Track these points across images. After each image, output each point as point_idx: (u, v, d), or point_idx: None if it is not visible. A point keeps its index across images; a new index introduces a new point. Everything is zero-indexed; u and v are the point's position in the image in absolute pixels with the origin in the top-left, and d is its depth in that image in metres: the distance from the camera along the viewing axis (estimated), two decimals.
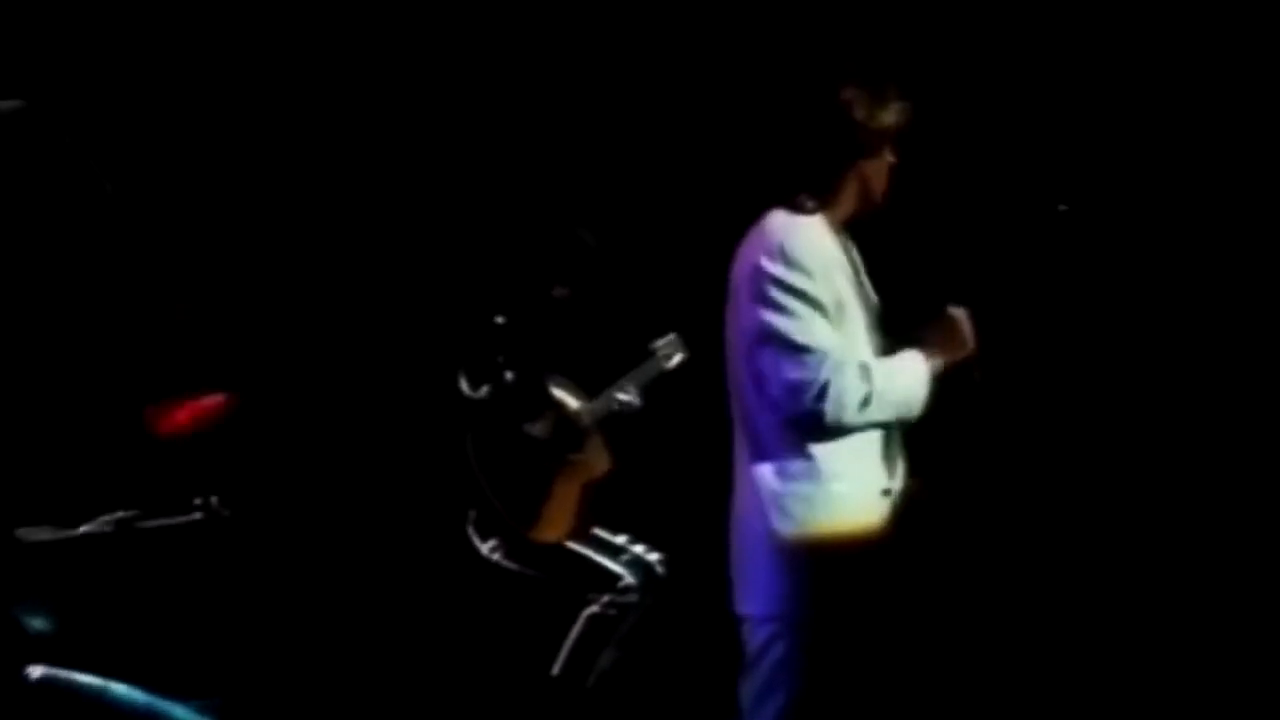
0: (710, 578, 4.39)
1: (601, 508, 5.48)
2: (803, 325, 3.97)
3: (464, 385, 5.39)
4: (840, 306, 4.09)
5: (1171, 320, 5.75)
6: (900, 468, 4.14)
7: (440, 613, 6.04)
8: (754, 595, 4.09)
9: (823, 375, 3.89)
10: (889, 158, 4.15)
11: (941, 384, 4.09)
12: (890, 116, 4.15)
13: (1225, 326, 5.74)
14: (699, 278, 5.15)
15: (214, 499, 5.00)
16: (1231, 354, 5.74)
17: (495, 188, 6.29)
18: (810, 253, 4.03)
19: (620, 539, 5.48)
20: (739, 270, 4.12)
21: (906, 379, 4.08)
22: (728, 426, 4.40)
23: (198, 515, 4.99)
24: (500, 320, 5.43)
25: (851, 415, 3.92)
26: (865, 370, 3.99)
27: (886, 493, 4.09)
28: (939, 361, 4.15)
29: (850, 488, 4.00)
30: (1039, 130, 5.64)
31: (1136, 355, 5.76)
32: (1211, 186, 5.68)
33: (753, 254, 4.07)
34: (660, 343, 5.80)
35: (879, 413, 3.97)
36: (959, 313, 4.14)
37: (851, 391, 3.93)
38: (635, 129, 6.23)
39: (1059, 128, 5.69)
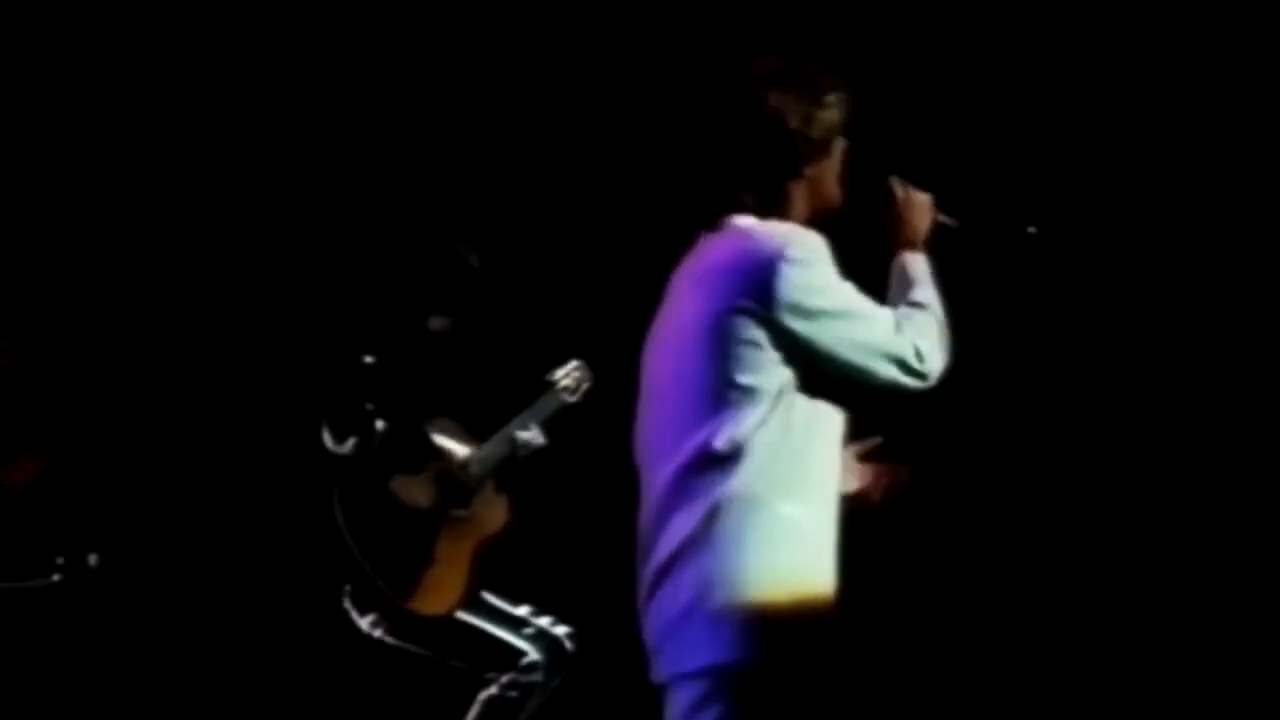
0: (630, 650, 3.86)
1: (498, 572, 5.27)
2: (853, 297, 3.67)
3: (328, 438, 5.08)
4: None
5: (1140, 341, 5.77)
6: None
7: (316, 699, 5.81)
8: (683, 649, 3.62)
9: (905, 332, 3.66)
10: (839, 151, 3.81)
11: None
12: (829, 115, 3.80)
13: (1194, 346, 5.74)
14: (603, 296, 5.33)
15: (68, 558, 5.01)
16: (1201, 373, 5.75)
17: (357, 202, 6.09)
18: (815, 239, 3.72)
19: (522, 610, 5.30)
20: (714, 279, 3.69)
21: (930, 284, 3.82)
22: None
23: (56, 576, 5.00)
24: (368, 359, 5.13)
25: (943, 357, 3.70)
26: (920, 308, 3.74)
27: (837, 515, 3.69)
28: (923, 241, 3.86)
29: (807, 514, 3.61)
30: (1006, 151, 5.65)
31: (1105, 377, 5.77)
32: (1182, 207, 5.71)
33: (753, 254, 3.67)
34: (561, 373, 5.57)
35: (946, 337, 3.73)
36: (899, 184, 3.86)
37: (933, 333, 3.70)
38: (519, 129, 6.11)
39: (1027, 148, 5.70)
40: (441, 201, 6.05)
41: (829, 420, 3.70)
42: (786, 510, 3.58)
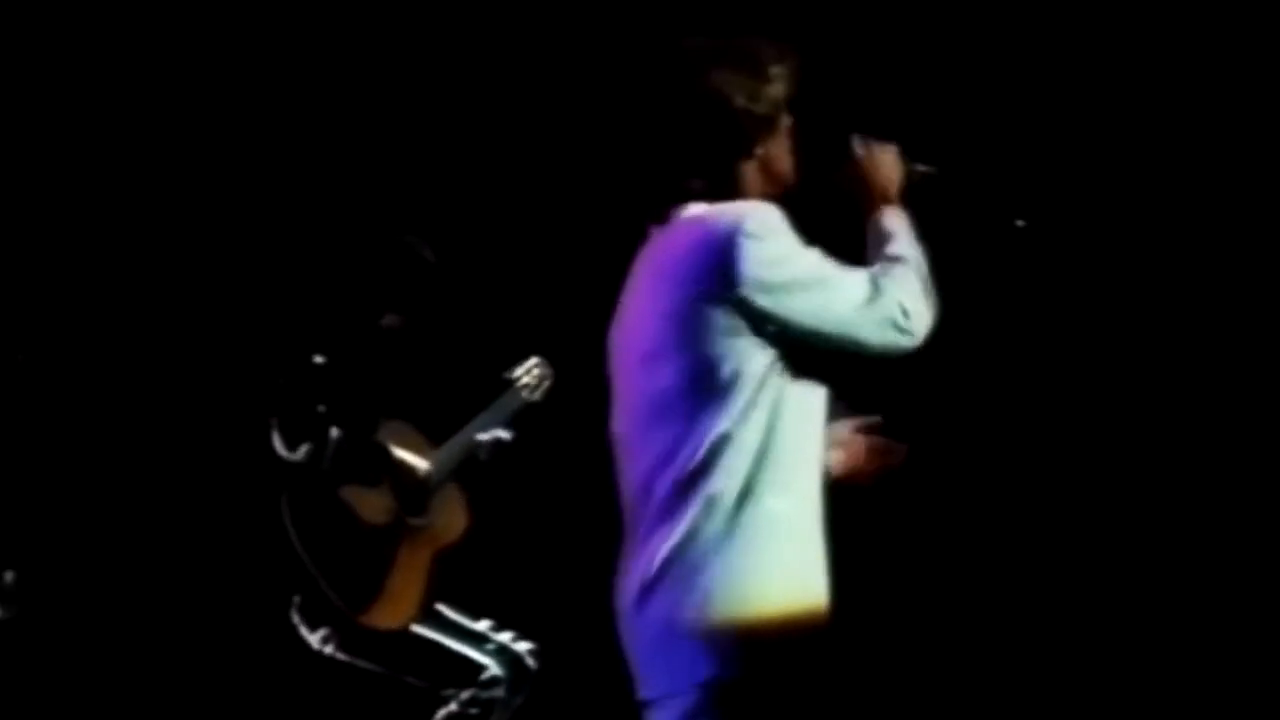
0: (599, 665, 3.87)
1: (456, 583, 5.21)
2: (822, 263, 3.62)
3: (278, 443, 5.00)
4: None
5: (1130, 336, 5.82)
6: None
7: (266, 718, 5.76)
8: (676, 665, 3.58)
9: (887, 292, 3.59)
10: (788, 132, 3.77)
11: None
12: (775, 90, 3.75)
13: (1184, 342, 5.81)
14: (563, 289, 5.34)
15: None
16: (1191, 369, 5.81)
17: (305, 194, 6.01)
18: (772, 211, 3.65)
19: (482, 624, 5.21)
20: (675, 266, 3.65)
21: (909, 237, 3.75)
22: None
23: None
24: (319, 360, 5.04)
25: (929, 312, 3.64)
26: (898, 261, 3.67)
27: (819, 516, 3.64)
28: (895, 196, 3.81)
29: (794, 507, 3.56)
30: (995, 145, 5.63)
31: (1095, 372, 5.83)
32: (1170, 202, 5.77)
33: (712, 236, 3.62)
34: (520, 370, 5.55)
35: (930, 287, 3.67)
36: (861, 142, 3.80)
37: (916, 287, 3.63)
38: (472, 118, 6.07)
39: (1015, 142, 5.74)
40: (393, 193, 6.01)
41: (813, 405, 3.65)
42: (776, 505, 3.53)
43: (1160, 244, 5.81)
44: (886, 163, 3.83)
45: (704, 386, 3.58)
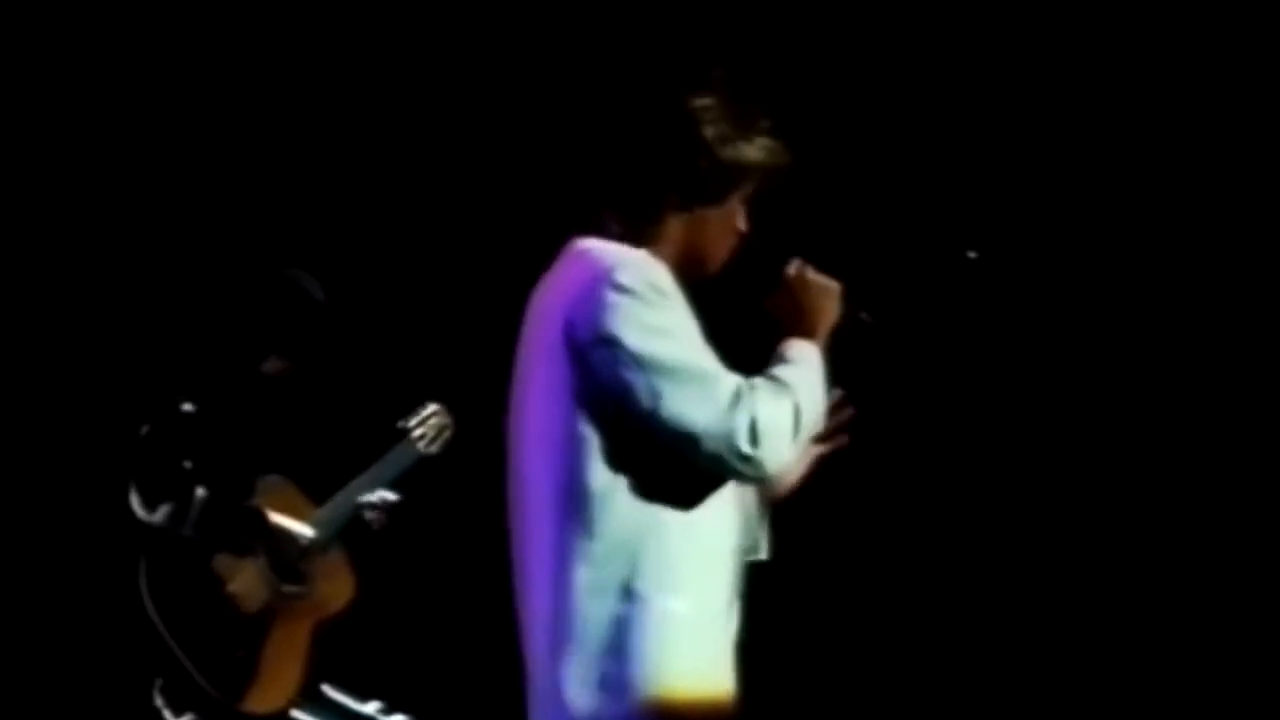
0: None
1: (340, 659, 5.10)
2: (689, 347, 3.48)
3: (136, 503, 4.70)
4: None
5: (1082, 367, 5.86)
6: (738, 578, 3.66)
7: None
8: None
9: (743, 407, 3.45)
10: (737, 217, 3.66)
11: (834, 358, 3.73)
12: (752, 152, 3.63)
13: (1136, 373, 5.84)
14: (466, 330, 5.26)
15: None
16: (1142, 401, 5.83)
17: (175, 220, 5.84)
18: (661, 268, 3.55)
19: (369, 706, 5.09)
20: (551, 309, 3.59)
21: (811, 375, 3.62)
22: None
23: None
24: (187, 407, 4.72)
25: (788, 448, 3.50)
26: (775, 382, 3.53)
27: (729, 630, 3.59)
28: (823, 336, 3.68)
29: (697, 609, 3.51)
30: (946, 175, 5.75)
31: (1046, 404, 5.86)
32: (1124, 232, 5.81)
33: (581, 280, 3.56)
34: (416, 419, 5.35)
35: (807, 430, 3.56)
36: (798, 269, 3.68)
37: (781, 416, 3.48)
38: (366, 139, 5.94)
39: (966, 172, 5.80)
40: (275, 220, 5.88)
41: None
42: (669, 606, 3.47)
43: (1121, 265, 5.83)
44: (820, 297, 3.68)
45: (571, 446, 3.49)
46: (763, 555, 3.74)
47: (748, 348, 3.59)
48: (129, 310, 5.75)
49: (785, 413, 3.49)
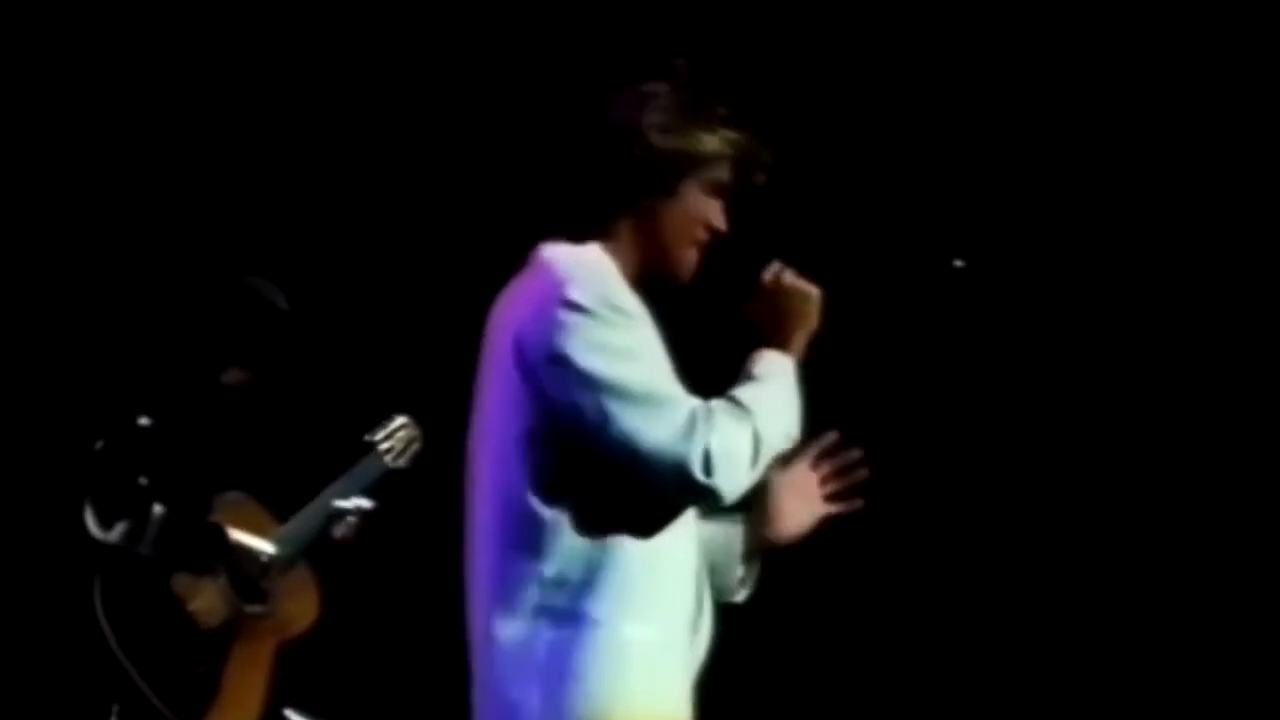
0: None
1: (304, 682, 5.08)
2: (644, 368, 3.42)
3: (91, 521, 4.48)
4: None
5: (1068, 378, 5.94)
6: (708, 604, 3.61)
7: None
8: None
9: (698, 432, 3.39)
10: (705, 213, 3.58)
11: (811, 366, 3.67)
12: (703, 142, 3.56)
13: (1122, 384, 5.92)
14: (432, 338, 5.24)
15: None
16: (1127, 412, 5.91)
17: (131, 226, 5.78)
18: (618, 284, 3.49)
19: None
20: (507, 323, 3.55)
21: (778, 391, 3.55)
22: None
23: None
24: (143, 421, 4.57)
25: (746, 475, 3.43)
26: (735, 406, 3.46)
27: (690, 658, 3.54)
28: (799, 344, 3.61)
29: (652, 634, 3.47)
30: (933, 183, 5.79)
31: (1033, 412, 5.94)
32: (1110, 242, 5.89)
33: (534, 295, 3.51)
34: (383, 433, 5.31)
35: (768, 454, 3.49)
36: (774, 273, 3.62)
37: (739, 443, 3.42)
38: (328, 145, 5.92)
39: (953, 180, 5.85)
40: (236, 226, 5.85)
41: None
42: (622, 631, 3.44)
43: (1107, 274, 5.89)
44: (797, 303, 3.62)
45: (524, 464, 3.45)
46: (739, 598, 3.70)
47: (729, 357, 3.53)
48: (82, 319, 5.75)
49: (743, 439, 3.43)
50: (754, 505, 3.71)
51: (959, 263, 3.84)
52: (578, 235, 3.53)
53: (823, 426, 3.73)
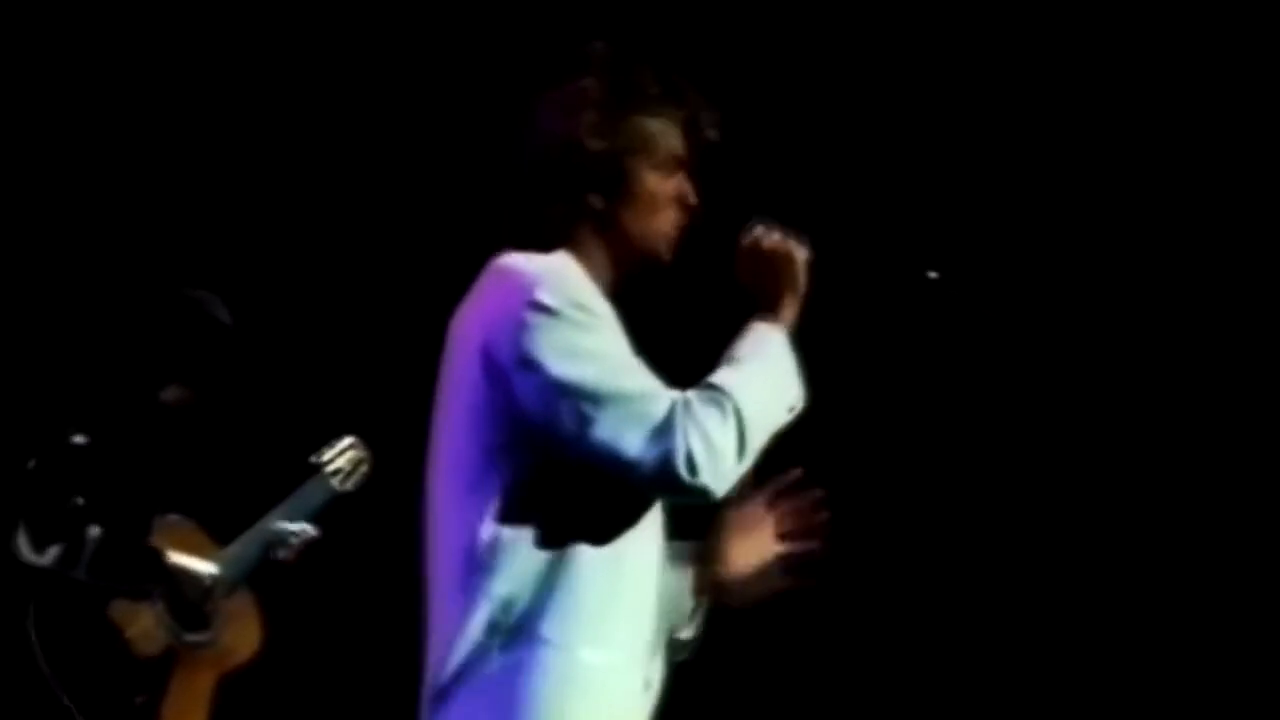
0: None
1: (248, 713, 5.07)
2: (617, 369, 3.33)
3: (23, 545, 4.37)
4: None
5: (1044, 391, 5.98)
6: (660, 632, 3.53)
7: None
8: None
9: (678, 430, 3.29)
10: (664, 192, 3.48)
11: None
12: (647, 127, 3.47)
13: (1098, 397, 5.94)
14: (385, 357, 5.33)
15: None
16: (1103, 427, 5.93)
17: (66, 236, 5.71)
18: (584, 286, 3.40)
19: None
20: (471, 331, 3.45)
21: (763, 368, 3.44)
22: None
23: None
24: (78, 440, 4.45)
25: (734, 467, 3.33)
26: (715, 394, 3.35)
27: (647, 685, 3.46)
28: (789, 309, 3.50)
29: (609, 659, 3.38)
30: (907, 193, 5.82)
31: (1007, 427, 5.98)
32: (1085, 254, 5.94)
33: (499, 300, 3.42)
34: (331, 453, 5.25)
35: (759, 440, 3.37)
36: (752, 236, 3.51)
37: (722, 436, 3.31)
38: (274, 152, 5.88)
39: (927, 189, 5.88)
40: (178, 237, 5.79)
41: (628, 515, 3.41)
42: (575, 653, 3.36)
43: (1083, 286, 5.92)
44: (783, 265, 3.51)
45: (483, 481, 3.37)
46: (685, 635, 3.62)
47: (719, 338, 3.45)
48: (14, 331, 5.67)
49: (727, 431, 3.33)
50: (707, 539, 3.67)
51: (933, 274, 3.76)
52: (539, 248, 3.44)
53: (795, 441, 3.56)
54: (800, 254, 3.48)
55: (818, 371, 3.59)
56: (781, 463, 3.58)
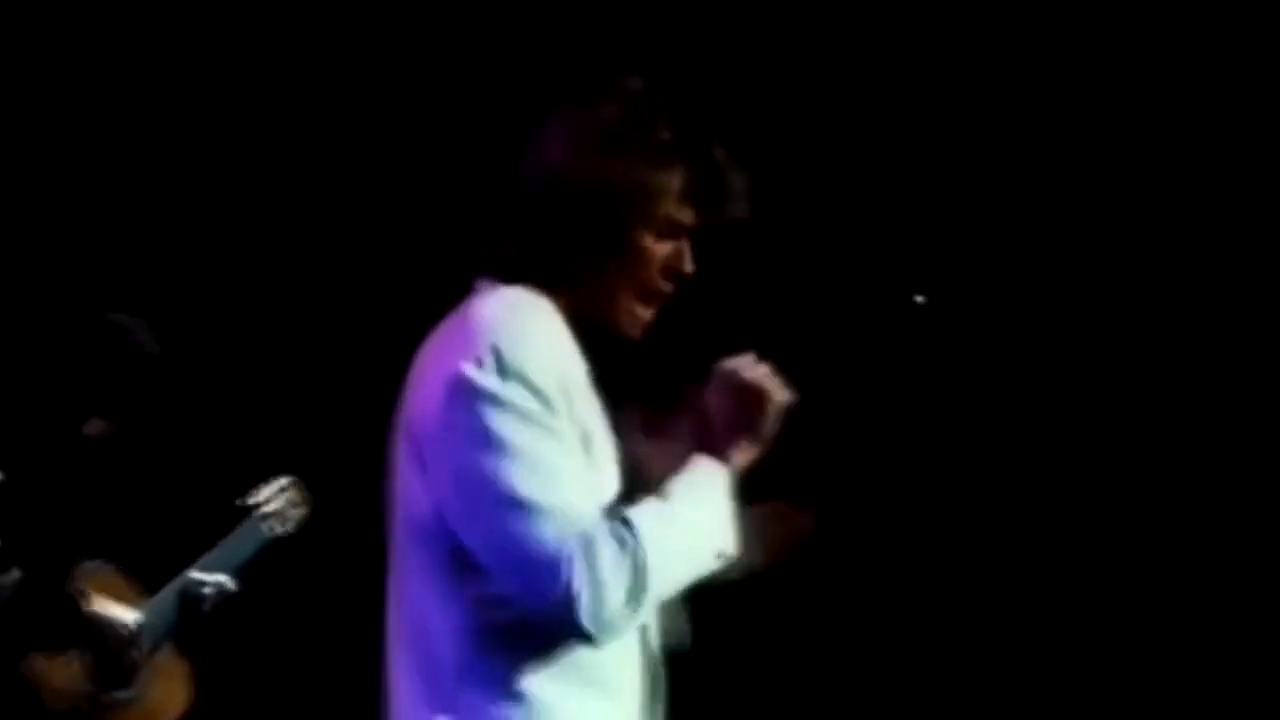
0: None
1: None
2: (538, 473, 3.18)
3: None
4: (587, 437, 3.27)
5: (1029, 416, 5.92)
6: (659, 677, 3.40)
7: None
8: None
9: (566, 563, 3.15)
10: (657, 257, 3.32)
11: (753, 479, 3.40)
12: (651, 179, 3.29)
13: (1083, 423, 5.90)
14: (328, 389, 5.37)
15: None
16: (1089, 454, 5.91)
17: None
18: (541, 358, 3.23)
19: None
20: (422, 384, 3.29)
21: (694, 513, 3.26)
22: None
23: None
24: None
25: (619, 613, 3.18)
26: (621, 531, 3.19)
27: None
28: (743, 452, 3.33)
29: (598, 711, 3.30)
30: (892, 218, 5.81)
31: (996, 452, 5.94)
32: (1071, 278, 5.96)
33: (447, 357, 3.27)
34: (264, 494, 5.03)
35: (662, 587, 3.22)
36: (739, 363, 3.35)
37: (612, 578, 3.17)
38: (208, 159, 5.76)
39: (912, 215, 5.86)
40: (101, 256, 5.66)
41: None
42: (568, 707, 3.24)
43: (1071, 312, 5.92)
44: (751, 405, 3.32)
45: (434, 520, 3.24)
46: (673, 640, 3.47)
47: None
48: None
49: (619, 575, 3.17)
50: None
51: (920, 299, 3.77)
52: (518, 280, 3.30)
53: (783, 464, 3.43)
54: (779, 397, 3.28)
55: (807, 394, 3.39)
56: (773, 482, 3.47)
